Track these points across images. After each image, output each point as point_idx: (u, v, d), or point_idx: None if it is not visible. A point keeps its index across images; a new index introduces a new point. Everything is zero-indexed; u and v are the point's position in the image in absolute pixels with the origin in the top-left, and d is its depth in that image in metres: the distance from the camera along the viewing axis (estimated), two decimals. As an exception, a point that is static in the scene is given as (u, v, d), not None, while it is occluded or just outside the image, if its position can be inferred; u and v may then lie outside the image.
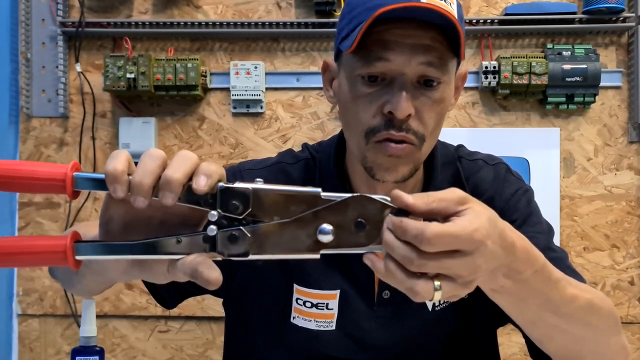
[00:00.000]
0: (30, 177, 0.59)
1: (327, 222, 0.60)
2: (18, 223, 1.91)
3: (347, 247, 0.61)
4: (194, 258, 0.59)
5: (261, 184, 0.60)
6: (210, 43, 1.90)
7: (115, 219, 0.63)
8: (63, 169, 0.59)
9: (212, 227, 0.60)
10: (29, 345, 1.91)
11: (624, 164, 1.85)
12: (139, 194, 0.58)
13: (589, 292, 0.81)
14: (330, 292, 0.98)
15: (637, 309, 1.84)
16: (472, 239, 0.59)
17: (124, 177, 0.58)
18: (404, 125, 0.86)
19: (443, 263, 0.59)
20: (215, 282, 0.59)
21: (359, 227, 0.60)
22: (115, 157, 0.59)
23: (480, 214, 0.61)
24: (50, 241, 0.60)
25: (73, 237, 0.60)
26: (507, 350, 1.79)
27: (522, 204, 1.00)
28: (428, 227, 0.57)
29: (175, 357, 1.91)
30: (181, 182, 0.58)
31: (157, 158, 0.59)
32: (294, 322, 0.99)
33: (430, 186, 0.99)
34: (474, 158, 1.05)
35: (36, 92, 1.90)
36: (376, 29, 0.84)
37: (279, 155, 1.08)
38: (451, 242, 0.58)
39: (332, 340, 0.99)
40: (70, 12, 1.91)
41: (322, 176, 1.01)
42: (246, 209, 0.60)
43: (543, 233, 0.97)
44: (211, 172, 0.59)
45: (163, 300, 1.02)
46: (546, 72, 1.77)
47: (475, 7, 1.88)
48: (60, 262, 0.60)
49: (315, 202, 0.60)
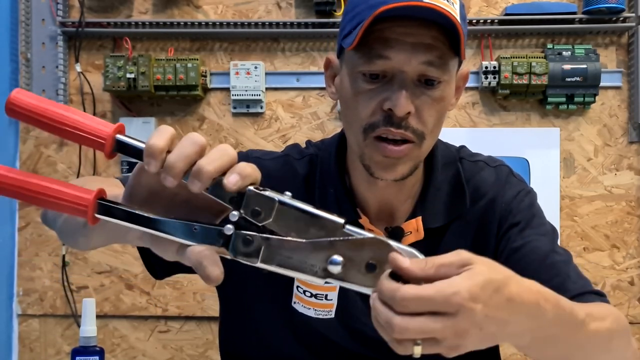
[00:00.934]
0: (77, 127, 0.61)
1: (340, 253, 0.60)
2: (18, 223, 1.91)
3: (352, 283, 0.61)
4: (202, 250, 0.60)
5: (289, 198, 0.61)
6: (210, 43, 1.90)
7: (143, 185, 0.64)
8: (107, 129, 0.61)
9: (229, 227, 0.60)
10: (29, 345, 1.91)
11: (624, 164, 1.85)
12: (170, 174, 0.58)
13: (606, 318, 0.80)
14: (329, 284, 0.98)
15: (637, 309, 1.84)
16: (449, 302, 0.56)
17: (161, 155, 0.59)
18: (403, 122, 0.86)
19: (424, 325, 0.56)
20: (215, 279, 0.59)
21: (369, 269, 0.60)
22: (159, 133, 0.60)
23: (474, 276, 0.57)
24: (77, 192, 0.62)
25: (98, 194, 0.62)
26: (507, 350, 1.79)
27: (525, 206, 0.99)
28: (400, 289, 0.56)
29: (175, 357, 1.91)
30: (212, 175, 0.58)
31: (197, 144, 0.59)
32: (294, 306, 1.00)
33: (430, 186, 0.99)
34: (476, 159, 1.05)
35: (36, 92, 1.89)
36: (378, 27, 0.84)
37: (286, 149, 1.09)
38: (425, 305, 0.56)
39: (331, 327, 0.99)
40: (70, 12, 1.90)
41: (322, 173, 1.01)
42: (267, 218, 0.60)
43: (547, 235, 0.97)
44: (246, 173, 0.59)
45: (153, 270, 1.01)
46: (546, 72, 1.77)
47: (475, 7, 1.88)
48: (80, 214, 0.62)
49: (334, 231, 0.60)
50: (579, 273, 0.94)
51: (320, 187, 1.00)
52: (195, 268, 0.60)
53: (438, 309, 0.56)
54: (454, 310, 0.56)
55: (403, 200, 0.99)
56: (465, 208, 0.99)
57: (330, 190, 0.99)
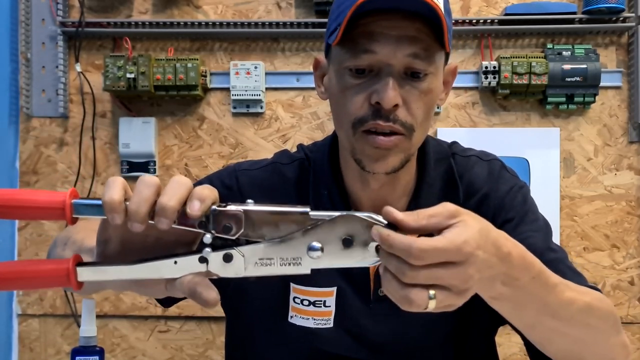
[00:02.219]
0: (30, 206, 0.62)
1: (316, 239, 0.63)
2: (18, 223, 1.91)
3: (335, 262, 0.64)
4: (191, 278, 0.63)
5: (252, 206, 0.64)
6: (210, 43, 1.90)
7: (112, 239, 0.66)
8: (62, 197, 0.62)
9: (207, 249, 0.63)
10: (29, 345, 1.91)
11: (624, 164, 1.85)
12: (136, 220, 0.61)
13: (587, 294, 0.82)
14: (327, 289, 0.98)
15: (637, 309, 1.84)
16: (461, 250, 0.61)
17: (121, 207, 0.61)
18: (392, 115, 0.86)
19: (434, 273, 0.61)
20: (213, 302, 0.62)
21: (347, 244, 0.63)
22: (112, 186, 0.62)
23: (471, 226, 0.63)
24: (53, 265, 0.63)
25: (75, 260, 0.63)
26: (507, 350, 1.79)
27: (518, 201, 1.00)
28: (415, 242, 0.60)
29: (175, 357, 1.91)
30: (175, 209, 0.61)
31: (152, 185, 0.62)
32: (291, 321, 0.99)
33: (423, 183, 0.99)
34: (468, 154, 1.05)
35: (36, 92, 1.90)
36: (362, 22, 0.85)
37: (274, 156, 1.09)
38: (439, 256, 0.60)
39: (331, 338, 0.99)
40: (70, 12, 1.90)
41: (316, 175, 1.01)
42: (239, 230, 0.63)
43: (540, 231, 0.97)
44: (204, 196, 0.62)
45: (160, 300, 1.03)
46: (546, 72, 1.77)
47: (475, 7, 1.88)
48: (63, 284, 0.63)
49: (303, 221, 0.64)
50: (574, 270, 0.93)
51: (314, 189, 1.00)
52: (191, 297, 0.62)
53: (449, 259, 0.61)
54: (464, 258, 0.61)
55: (397, 198, 0.99)
56: (459, 204, 0.98)
57: (324, 191, 0.99)
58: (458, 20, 1.83)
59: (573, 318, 0.78)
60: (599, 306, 0.82)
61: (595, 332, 0.82)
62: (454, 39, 1.85)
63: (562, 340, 0.80)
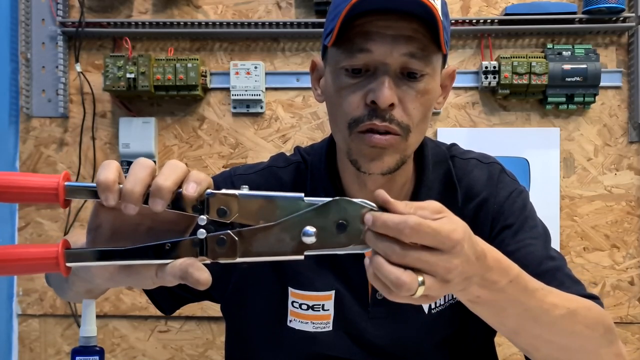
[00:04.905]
0: (24, 186, 0.62)
1: (310, 224, 0.63)
2: (18, 223, 1.91)
3: (329, 247, 0.64)
4: (183, 260, 0.62)
5: (246, 190, 0.63)
6: (210, 43, 1.90)
7: (103, 226, 0.65)
8: (55, 179, 0.61)
9: (201, 231, 0.62)
10: (29, 345, 1.91)
11: (624, 164, 1.85)
12: (130, 201, 0.60)
13: (573, 301, 0.81)
14: (325, 292, 0.98)
15: (637, 309, 1.84)
16: (450, 237, 0.62)
17: (115, 186, 0.60)
18: (388, 115, 0.86)
19: (423, 256, 0.61)
20: (205, 282, 0.61)
21: (340, 229, 0.63)
22: (107, 167, 0.61)
23: (456, 221, 0.64)
24: (42, 249, 0.63)
25: (64, 245, 0.62)
26: (506, 351, 1.79)
27: (518, 207, 0.99)
28: (411, 217, 0.61)
29: (175, 357, 1.91)
30: (171, 189, 0.60)
31: (147, 167, 0.62)
32: (290, 325, 0.99)
33: (421, 186, 0.98)
34: (467, 157, 1.04)
35: (36, 92, 1.90)
36: (358, 22, 0.85)
37: (270, 160, 1.08)
38: (431, 235, 0.61)
39: (330, 341, 0.99)
40: (70, 12, 1.91)
41: (313, 178, 1.01)
42: (233, 214, 0.62)
43: (540, 238, 0.97)
44: (200, 179, 0.62)
45: (160, 306, 1.03)
46: (546, 72, 1.77)
47: (475, 7, 1.88)
48: (52, 268, 0.62)
49: (298, 206, 0.63)
50: (573, 278, 0.93)
51: (311, 192, 1.00)
52: (182, 279, 0.61)
53: (436, 244, 0.61)
54: (452, 245, 0.62)
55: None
56: (457, 207, 0.98)
57: (321, 194, 0.98)
58: (458, 20, 1.83)
59: (556, 324, 0.77)
60: (584, 314, 0.81)
61: (582, 340, 0.81)
62: (453, 39, 1.85)
63: (548, 347, 0.79)
